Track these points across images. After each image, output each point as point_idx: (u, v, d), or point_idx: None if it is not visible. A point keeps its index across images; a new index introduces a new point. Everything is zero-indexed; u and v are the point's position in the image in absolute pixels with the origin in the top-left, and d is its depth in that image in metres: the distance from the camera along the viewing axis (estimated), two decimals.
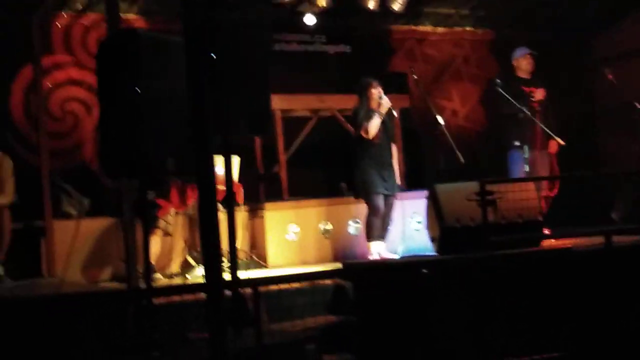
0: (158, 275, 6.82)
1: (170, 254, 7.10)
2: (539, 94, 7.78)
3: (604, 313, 5.24)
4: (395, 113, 7.47)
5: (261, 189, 8.02)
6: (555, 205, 7.74)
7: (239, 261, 5.54)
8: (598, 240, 5.59)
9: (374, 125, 7.13)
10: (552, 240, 6.84)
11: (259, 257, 7.47)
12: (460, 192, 6.14)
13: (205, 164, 3.96)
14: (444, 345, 5.09)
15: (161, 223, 6.90)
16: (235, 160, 6.99)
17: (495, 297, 5.11)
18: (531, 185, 6.39)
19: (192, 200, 6.97)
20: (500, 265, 5.26)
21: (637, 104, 7.96)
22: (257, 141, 8.06)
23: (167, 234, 7.01)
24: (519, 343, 5.00)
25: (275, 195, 7.98)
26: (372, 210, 7.12)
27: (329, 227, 7.73)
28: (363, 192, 7.19)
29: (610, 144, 10.17)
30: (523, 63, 7.98)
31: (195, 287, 4.86)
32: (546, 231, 6.53)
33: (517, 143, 7.65)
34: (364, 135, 7.17)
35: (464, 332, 5.08)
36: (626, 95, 8.06)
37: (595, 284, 5.28)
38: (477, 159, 7.67)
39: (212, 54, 4.09)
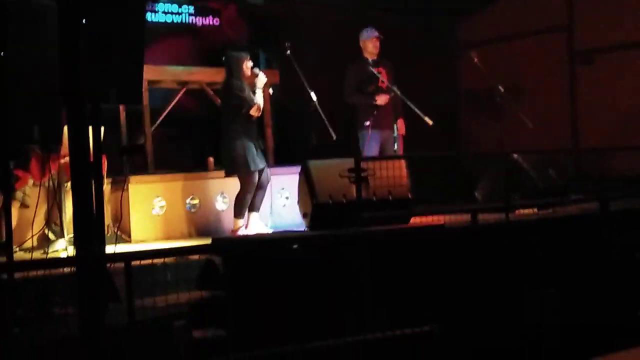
0: (15, 249, 6.47)
1: (27, 227, 6.76)
2: (384, 75, 7.91)
3: (474, 287, 5.41)
4: (270, 91, 7.40)
5: (126, 161, 7.74)
6: (420, 184, 7.89)
7: None
8: (464, 217, 5.76)
9: (260, 102, 7.06)
10: (420, 218, 6.97)
11: (122, 231, 7.22)
12: (333, 169, 6.16)
13: (80, 133, 3.82)
14: (313, 320, 5.11)
15: (18, 194, 6.56)
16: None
17: (367, 272, 5.16)
18: (402, 164, 6.49)
19: (53, 171, 6.65)
20: (372, 240, 5.32)
21: (500, 87, 8.23)
22: (122, 111, 7.77)
23: (24, 206, 6.67)
24: (391, 317, 5.08)
25: (140, 168, 7.74)
26: (247, 186, 7.01)
27: (196, 201, 7.57)
28: (240, 167, 7.05)
29: (473, 126, 10.52)
30: (369, 45, 8.03)
31: (65, 261, 4.66)
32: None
33: (367, 123, 7.76)
34: (253, 113, 7.04)
35: (336, 307, 5.11)
36: (490, 79, 8.30)
37: (464, 259, 5.45)
38: (349, 135, 7.68)
39: (84, 21, 3.93)
